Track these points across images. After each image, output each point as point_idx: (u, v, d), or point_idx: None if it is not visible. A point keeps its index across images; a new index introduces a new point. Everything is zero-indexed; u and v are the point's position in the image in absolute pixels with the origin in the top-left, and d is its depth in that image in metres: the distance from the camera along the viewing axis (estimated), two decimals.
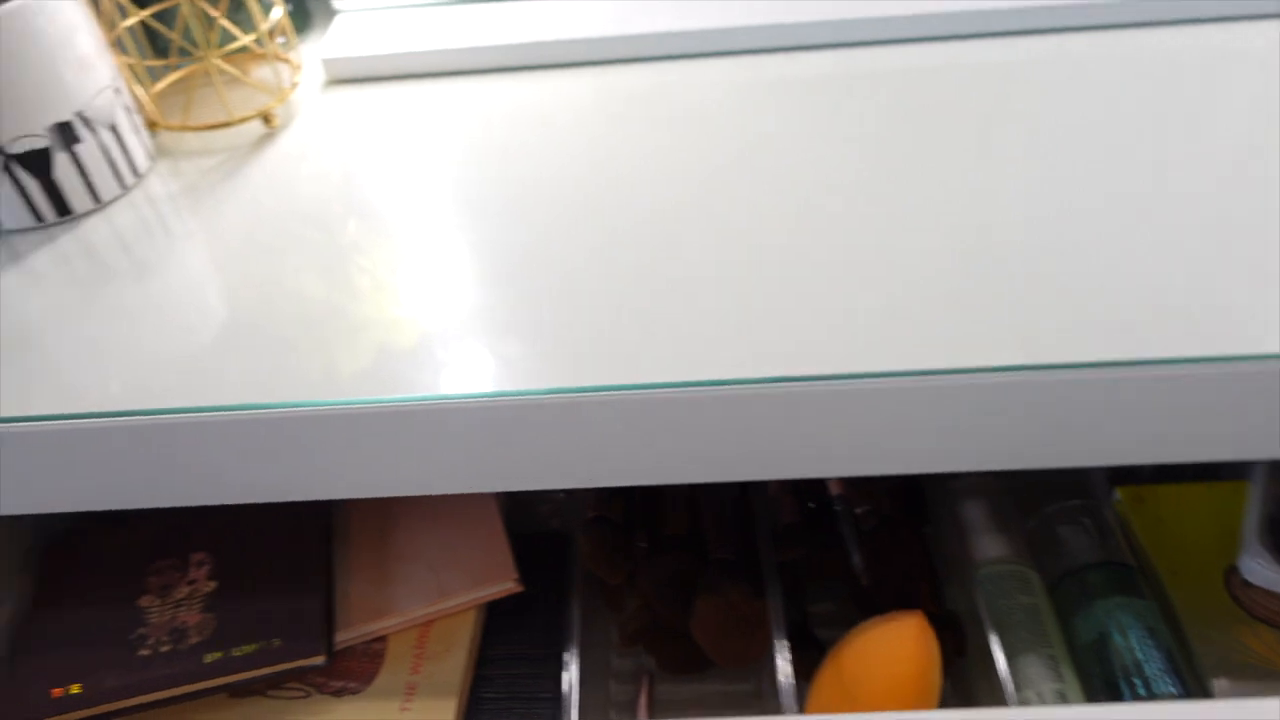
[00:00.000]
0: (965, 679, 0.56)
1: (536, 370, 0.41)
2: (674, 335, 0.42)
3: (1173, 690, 0.48)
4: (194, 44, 0.58)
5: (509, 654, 0.58)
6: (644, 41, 0.60)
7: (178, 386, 0.42)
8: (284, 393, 0.42)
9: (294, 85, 0.60)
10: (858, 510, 0.59)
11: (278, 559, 0.59)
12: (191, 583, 0.58)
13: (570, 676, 0.54)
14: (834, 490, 0.61)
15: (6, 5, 0.46)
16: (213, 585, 0.58)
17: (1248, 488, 0.59)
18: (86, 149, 0.51)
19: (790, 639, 0.57)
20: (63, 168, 0.50)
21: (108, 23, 0.54)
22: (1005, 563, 0.56)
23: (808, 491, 0.62)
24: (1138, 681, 0.49)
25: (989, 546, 0.57)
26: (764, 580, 0.56)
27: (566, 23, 0.61)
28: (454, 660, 0.57)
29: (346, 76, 0.62)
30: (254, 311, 0.45)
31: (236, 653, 0.54)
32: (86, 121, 0.50)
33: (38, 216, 0.51)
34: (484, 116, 0.57)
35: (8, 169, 0.49)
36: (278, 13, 0.57)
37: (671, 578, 0.56)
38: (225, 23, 0.56)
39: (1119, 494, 0.61)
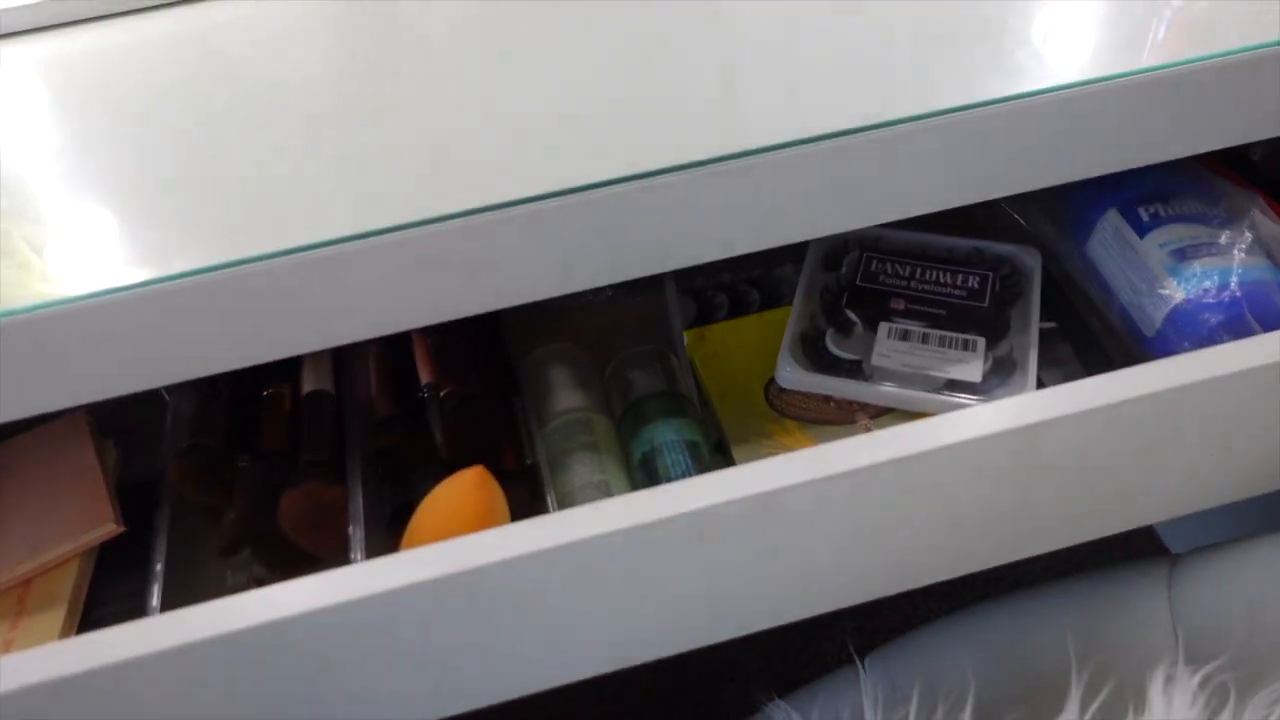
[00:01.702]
0: None
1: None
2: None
3: None
4: None
5: (117, 594, 0.59)
6: None
7: None
8: None
9: None
10: (442, 393, 0.62)
11: None
12: None
13: (153, 603, 0.55)
14: (425, 380, 0.64)
15: None
16: None
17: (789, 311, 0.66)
18: None
19: (394, 522, 0.61)
20: None
21: None
22: (571, 413, 0.61)
23: (405, 389, 0.65)
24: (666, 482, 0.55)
25: (559, 402, 0.62)
26: (346, 471, 0.59)
27: None
28: (54, 610, 0.57)
29: None
30: None
31: None
32: None
33: None
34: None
35: None
36: None
37: (261, 484, 0.58)
38: None
39: (686, 337, 0.67)
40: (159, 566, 0.56)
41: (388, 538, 0.59)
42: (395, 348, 0.67)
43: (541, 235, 0.46)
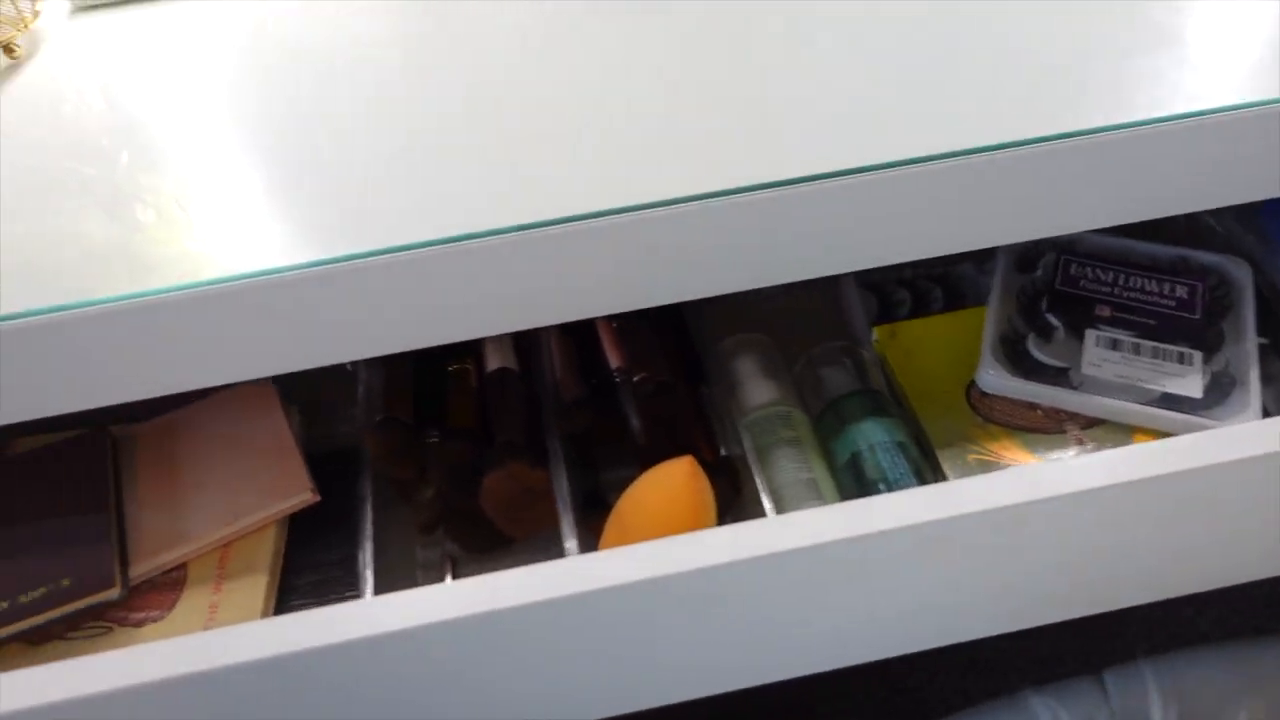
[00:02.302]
0: (745, 516, 0.60)
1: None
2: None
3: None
4: None
5: (313, 562, 0.59)
6: None
7: None
8: None
9: (35, 14, 0.59)
10: (635, 379, 0.61)
11: (60, 501, 0.58)
12: None
13: (366, 574, 0.55)
14: (614, 364, 0.64)
15: None
16: None
17: (985, 311, 0.64)
18: None
19: (585, 506, 0.60)
20: None
21: None
22: (770, 406, 0.60)
23: (590, 370, 0.65)
24: (883, 486, 0.54)
25: (756, 394, 0.61)
26: (547, 453, 0.58)
27: None
28: (256, 576, 0.57)
29: (93, 2, 0.61)
30: None
31: (23, 599, 0.53)
32: None
33: None
34: (236, 32, 0.57)
35: None
36: None
37: (459, 461, 0.58)
38: None
39: (875, 333, 0.66)
40: (368, 538, 0.56)
41: (584, 522, 0.58)
42: (574, 327, 0.66)
43: (740, 228, 0.45)
